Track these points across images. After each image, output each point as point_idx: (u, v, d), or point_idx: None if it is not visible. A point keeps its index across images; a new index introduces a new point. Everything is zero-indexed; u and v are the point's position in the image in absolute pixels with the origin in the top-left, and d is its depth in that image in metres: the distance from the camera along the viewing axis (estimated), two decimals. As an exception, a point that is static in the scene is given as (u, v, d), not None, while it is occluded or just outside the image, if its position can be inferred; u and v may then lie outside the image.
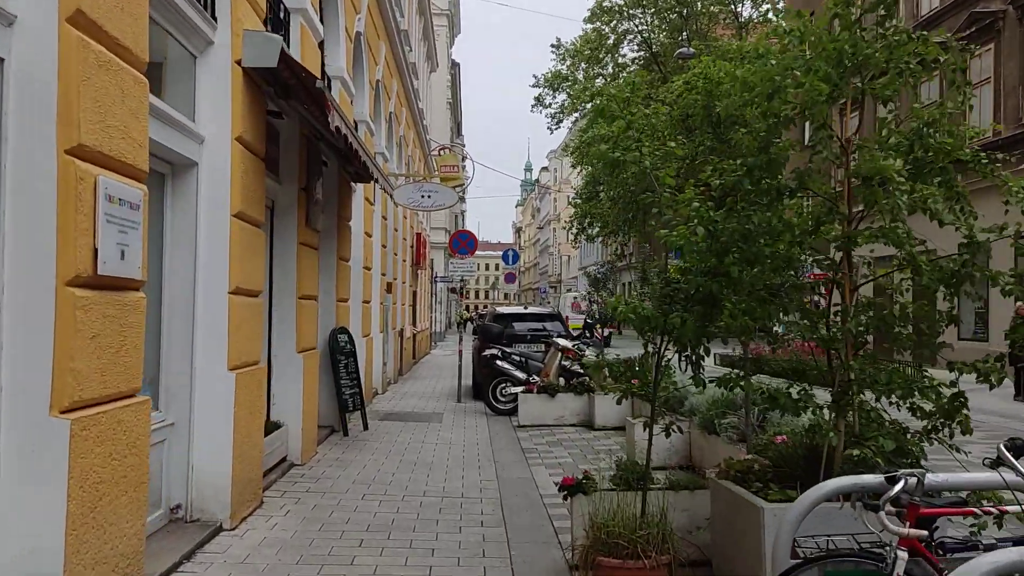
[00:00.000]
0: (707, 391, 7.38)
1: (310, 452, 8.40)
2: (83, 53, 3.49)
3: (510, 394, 12.45)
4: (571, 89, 49.62)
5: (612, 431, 10.66)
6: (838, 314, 4.37)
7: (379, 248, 14.90)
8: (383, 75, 14.76)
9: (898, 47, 4.15)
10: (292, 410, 7.96)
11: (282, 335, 7.90)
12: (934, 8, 24.77)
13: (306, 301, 8.21)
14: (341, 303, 10.44)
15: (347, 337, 10.33)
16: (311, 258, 8.44)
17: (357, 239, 12.54)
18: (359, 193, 12.63)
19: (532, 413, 11.31)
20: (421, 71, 25.33)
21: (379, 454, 8.82)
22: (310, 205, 8.22)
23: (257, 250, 6.31)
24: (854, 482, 3.25)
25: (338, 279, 10.25)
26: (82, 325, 3.50)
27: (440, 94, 44.21)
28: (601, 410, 10.90)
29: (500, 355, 12.67)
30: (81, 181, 3.48)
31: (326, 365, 9.99)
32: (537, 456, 9.01)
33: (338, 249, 10.25)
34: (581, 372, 12.46)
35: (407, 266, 21.05)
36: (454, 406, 13.46)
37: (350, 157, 9.16)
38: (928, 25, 23.34)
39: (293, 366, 7.95)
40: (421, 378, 18.83)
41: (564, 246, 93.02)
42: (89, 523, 3.58)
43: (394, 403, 13.65)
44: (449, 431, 10.71)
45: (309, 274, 8.35)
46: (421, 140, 24.31)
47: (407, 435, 10.21)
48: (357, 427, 10.47)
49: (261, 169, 6.43)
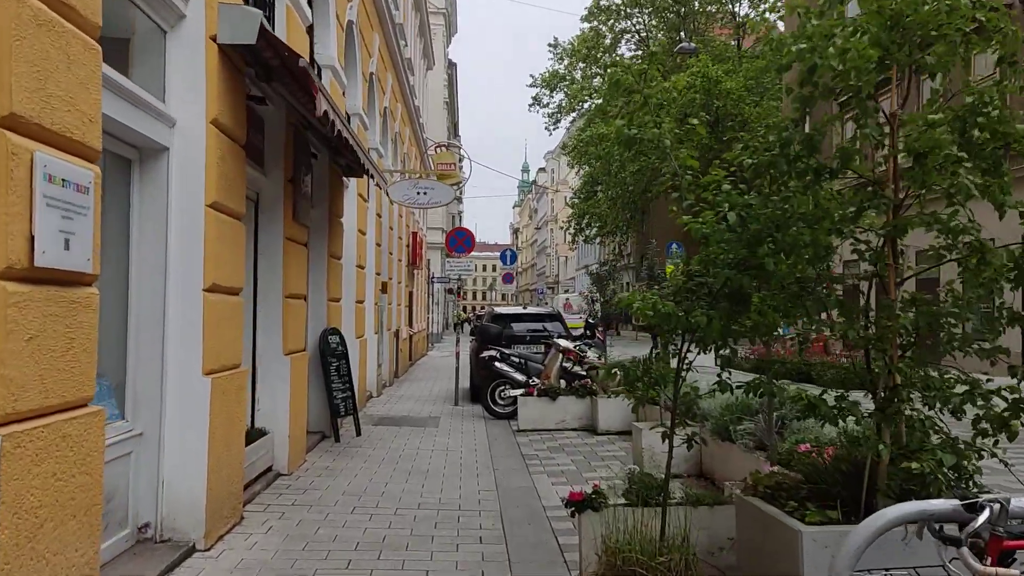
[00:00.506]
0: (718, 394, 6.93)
1: (298, 460, 7.91)
2: (16, 7, 3.00)
3: (509, 397, 11.97)
4: (569, 89, 49.23)
5: (616, 436, 10.18)
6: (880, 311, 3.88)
7: (373, 246, 14.41)
8: (377, 68, 14.27)
9: (952, 12, 3.65)
10: (278, 416, 7.47)
11: (268, 336, 7.41)
12: None
13: (294, 300, 7.72)
14: (332, 303, 9.95)
15: (339, 338, 9.84)
16: (299, 255, 7.95)
17: (350, 237, 12.05)
18: (352, 189, 12.15)
19: (532, 417, 10.82)
20: (417, 68, 24.85)
21: (372, 462, 8.33)
22: (297, 198, 7.73)
23: (236, 244, 5.82)
24: (922, 509, 2.75)
25: (329, 278, 9.76)
26: (15, 325, 3.01)
27: (437, 94, 43.70)
28: (605, 414, 10.41)
29: (499, 357, 12.18)
30: (13, 156, 2.99)
31: (316, 368, 9.50)
32: (538, 463, 8.53)
33: (329, 246, 9.76)
34: (583, 374, 11.98)
35: (403, 266, 20.56)
36: (451, 409, 12.97)
37: (340, 148, 8.68)
38: None
39: (280, 369, 7.46)
40: (417, 380, 18.33)
41: (562, 247, 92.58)
42: (27, 555, 3.08)
43: (389, 407, 13.15)
44: (446, 436, 10.22)
45: (297, 271, 7.86)
46: (417, 138, 23.82)
47: (402, 441, 9.72)
48: (350, 432, 9.98)
49: (241, 156, 5.93)
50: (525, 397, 10.91)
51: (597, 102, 47.49)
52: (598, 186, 46.64)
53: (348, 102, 12.21)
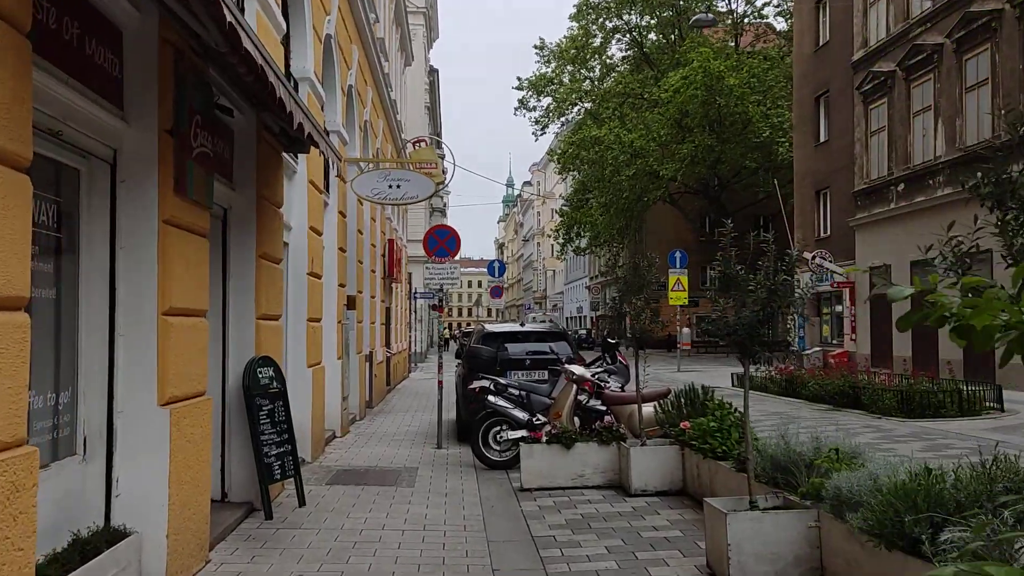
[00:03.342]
0: (871, 467, 4.20)
1: (192, 565, 5.13)
2: None
3: (508, 441, 9.24)
4: (557, 92, 46.76)
5: (656, 498, 7.48)
6: None
7: (335, 252, 11.67)
8: (337, 31, 11.59)
9: None
10: (151, 504, 4.70)
11: (129, 377, 4.66)
12: (880, 39, 23.50)
13: (179, 319, 4.96)
14: (265, 322, 7.19)
15: (273, 371, 7.08)
16: (190, 247, 5.20)
17: (299, 237, 9.32)
18: (301, 175, 9.43)
19: (540, 471, 8.08)
20: (393, 58, 22.17)
21: (309, 561, 5.56)
22: (184, 160, 5.00)
23: (17, 222, 3.09)
24: None
25: (258, 287, 7.01)
26: None
27: (417, 97, 40.99)
28: (639, 467, 7.69)
29: (493, 388, 9.44)
30: None
31: (238, 414, 6.75)
32: (558, 553, 5.80)
33: (259, 244, 7.03)
34: (604, 409, 9.26)
35: (377, 278, 17.78)
36: (433, 455, 10.21)
37: (266, 101, 5.98)
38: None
39: (149, 429, 4.70)
40: (395, 412, 15.54)
41: (549, 260, 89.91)
42: None
43: (355, 451, 10.37)
44: (423, 501, 7.47)
45: (187, 273, 5.11)
46: (393, 133, 21.11)
47: (361, 513, 6.95)
48: (290, 501, 7.21)
49: (22, 48, 3.20)
50: (531, 445, 8.17)
51: (587, 106, 45.07)
52: (589, 193, 44.10)
53: (295, 64, 9.53)
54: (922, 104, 21.63)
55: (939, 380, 14.69)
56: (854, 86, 24.94)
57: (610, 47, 46.09)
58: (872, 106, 24.19)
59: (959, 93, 19.97)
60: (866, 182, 24.23)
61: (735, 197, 41.89)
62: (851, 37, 25.41)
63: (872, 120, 24.29)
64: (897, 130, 22.72)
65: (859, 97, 24.70)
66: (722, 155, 36.76)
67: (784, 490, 5.24)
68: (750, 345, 5.06)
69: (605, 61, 46.75)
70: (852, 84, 25.13)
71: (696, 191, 42.49)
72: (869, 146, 24.43)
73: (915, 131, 22.01)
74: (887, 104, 23.32)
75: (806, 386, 17.07)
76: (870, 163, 24.37)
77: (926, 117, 21.41)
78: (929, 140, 21.26)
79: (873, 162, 24.23)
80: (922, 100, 21.65)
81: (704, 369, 27.60)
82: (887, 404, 14.00)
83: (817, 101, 28.54)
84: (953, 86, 20.16)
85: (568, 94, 45.38)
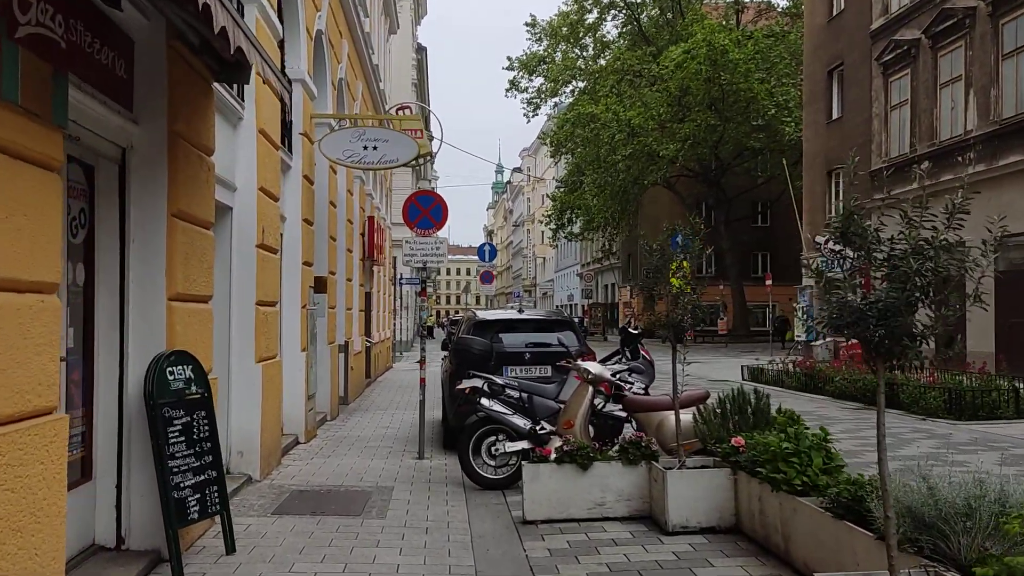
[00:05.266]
0: None
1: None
2: None
3: (505, 454, 7.45)
4: (549, 72, 44.83)
5: (701, 538, 5.70)
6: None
7: (298, 223, 9.80)
8: (301, -40, 9.67)
9: None
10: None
11: None
12: (904, 5, 21.74)
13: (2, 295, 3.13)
14: (181, 304, 5.33)
15: (191, 371, 5.22)
16: (24, 187, 3.34)
17: (246, 199, 7.47)
18: (248, 122, 7.55)
19: (547, 498, 6.28)
20: (376, 15, 20.16)
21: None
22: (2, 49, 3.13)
23: None
24: None
25: (171, 256, 5.15)
26: None
27: (404, 73, 38.94)
28: (678, 496, 5.89)
29: (486, 390, 7.60)
30: None
31: (139, 431, 4.91)
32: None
33: (171, 197, 5.16)
34: (623, 416, 7.47)
35: (355, 259, 15.88)
36: (413, 468, 8.40)
37: None
38: (898, 22, 20.51)
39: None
40: (373, 409, 13.70)
41: (540, 247, 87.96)
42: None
43: (317, 463, 8.54)
44: (396, 542, 5.66)
45: (19, 232, 3.25)
46: (375, 99, 19.16)
47: (309, 564, 5.12)
48: (214, 547, 5.38)
49: None
50: (536, 463, 6.35)
51: (581, 84, 43.22)
52: (583, 175, 42.26)
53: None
54: (951, 74, 19.89)
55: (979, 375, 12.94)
56: (872, 57, 23.17)
57: (605, 23, 44.21)
58: (893, 78, 22.42)
59: (994, 60, 18.25)
60: (885, 160, 22.49)
61: (735, 181, 40.15)
62: (869, 5, 23.64)
63: (892, 94, 22.53)
64: (921, 103, 20.98)
65: (878, 69, 22.93)
66: (724, 135, 34.96)
67: (935, 562, 3.45)
68: (892, 342, 3.26)
69: (600, 39, 44.86)
70: (870, 55, 23.35)
71: (695, 174, 40.70)
72: (889, 122, 22.69)
73: (942, 104, 20.28)
74: (910, 75, 21.57)
75: (831, 381, 15.36)
76: (890, 140, 22.64)
77: (955, 88, 19.68)
78: (959, 113, 19.53)
79: (893, 139, 22.50)
80: (951, 70, 19.91)
81: (707, 360, 25.87)
82: (932, 404, 12.31)
83: (830, 75, 26.75)
84: (988, 53, 18.42)
85: (561, 72, 43.49)
